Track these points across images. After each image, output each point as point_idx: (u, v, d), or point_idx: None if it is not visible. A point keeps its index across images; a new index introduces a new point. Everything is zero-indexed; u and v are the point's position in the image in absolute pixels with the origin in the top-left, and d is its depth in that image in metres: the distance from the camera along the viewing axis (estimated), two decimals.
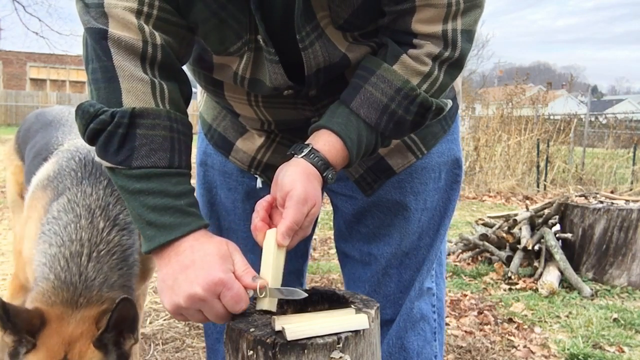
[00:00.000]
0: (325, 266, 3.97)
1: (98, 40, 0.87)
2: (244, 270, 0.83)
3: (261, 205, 0.89)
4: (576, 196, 4.30)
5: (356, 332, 0.78)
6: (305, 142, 0.92)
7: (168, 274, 0.83)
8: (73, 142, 1.65)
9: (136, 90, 0.86)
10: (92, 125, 0.86)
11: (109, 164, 0.87)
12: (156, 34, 0.88)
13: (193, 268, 0.81)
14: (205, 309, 0.81)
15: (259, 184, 1.19)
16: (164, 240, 0.83)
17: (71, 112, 1.93)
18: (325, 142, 0.90)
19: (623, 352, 2.68)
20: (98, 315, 1.24)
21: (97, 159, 0.89)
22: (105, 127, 0.85)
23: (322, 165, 0.89)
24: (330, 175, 0.90)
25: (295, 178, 0.86)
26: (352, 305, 0.86)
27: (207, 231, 0.88)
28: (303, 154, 0.90)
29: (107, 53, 0.86)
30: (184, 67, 1.00)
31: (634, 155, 10.05)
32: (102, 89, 0.87)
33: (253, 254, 1.02)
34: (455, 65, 0.94)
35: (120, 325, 1.20)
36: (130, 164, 0.85)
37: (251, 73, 0.98)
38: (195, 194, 0.90)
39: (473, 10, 0.92)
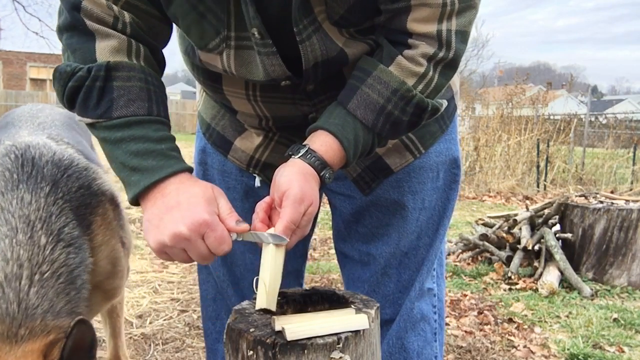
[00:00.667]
0: (325, 266, 3.97)
1: (71, 9, 0.91)
2: (228, 214, 0.86)
3: (260, 206, 0.90)
4: (576, 196, 4.29)
5: (356, 332, 0.78)
6: (303, 143, 0.93)
7: (154, 214, 0.85)
8: (12, 137, 1.41)
9: (110, 47, 0.90)
10: (70, 83, 0.89)
11: (90, 120, 0.90)
12: (125, 13, 0.91)
13: (178, 208, 0.83)
14: (189, 248, 0.84)
15: (257, 182, 1.20)
16: (148, 182, 0.86)
17: (32, 110, 1.73)
18: (322, 142, 0.91)
19: (623, 352, 2.68)
20: (45, 348, 1.04)
21: (77, 118, 0.91)
22: (83, 82, 0.88)
23: (319, 165, 0.90)
24: (327, 175, 0.91)
25: (292, 178, 0.87)
26: (352, 305, 0.86)
27: (192, 175, 0.90)
28: (300, 154, 0.91)
29: (80, 20, 0.90)
30: (184, 66, 1.01)
31: (634, 155, 10.06)
32: (77, 50, 0.90)
33: (252, 253, 1.03)
34: (450, 65, 0.95)
35: (76, 354, 1.03)
36: (110, 115, 0.88)
37: (236, 70, 0.99)
38: (175, 143, 0.93)
39: (468, 11, 0.93)
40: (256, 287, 0.86)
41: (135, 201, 0.88)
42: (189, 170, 0.90)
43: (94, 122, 0.89)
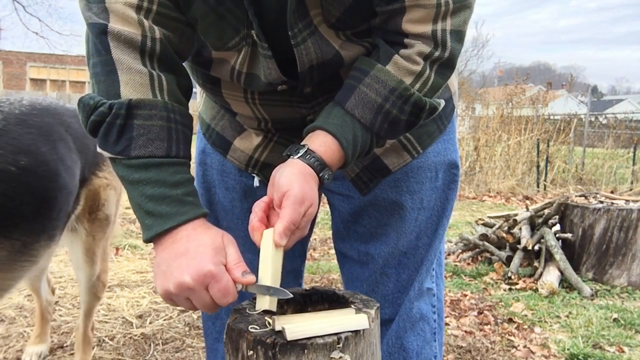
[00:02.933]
0: (325, 266, 3.97)
1: (98, 35, 0.89)
2: (236, 264, 0.84)
3: (259, 206, 0.90)
4: (576, 196, 4.30)
5: (356, 332, 0.78)
6: (301, 143, 0.93)
7: (163, 259, 0.85)
8: None
9: (134, 82, 0.88)
10: (92, 117, 0.88)
11: (109, 154, 0.89)
12: (155, 28, 0.90)
13: (185, 257, 0.83)
14: (193, 297, 0.83)
15: (256, 182, 1.20)
16: (160, 229, 0.85)
17: None
18: (321, 142, 0.91)
19: (623, 352, 2.68)
20: None
21: (99, 150, 0.91)
22: (104, 118, 0.87)
23: (319, 165, 0.90)
24: (326, 176, 0.91)
25: (292, 179, 0.87)
26: (352, 305, 0.86)
27: (206, 221, 0.89)
28: (299, 154, 0.90)
29: (107, 47, 0.88)
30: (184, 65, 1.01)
31: (634, 155, 10.06)
32: (101, 82, 0.89)
33: (251, 253, 1.03)
34: (446, 65, 0.95)
35: None
36: (128, 153, 0.87)
37: (248, 68, 0.99)
38: (194, 183, 0.92)
39: (462, 11, 0.93)
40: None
41: (149, 242, 0.88)
42: (204, 215, 0.89)
43: (113, 157, 0.89)
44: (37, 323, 2.40)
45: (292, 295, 0.85)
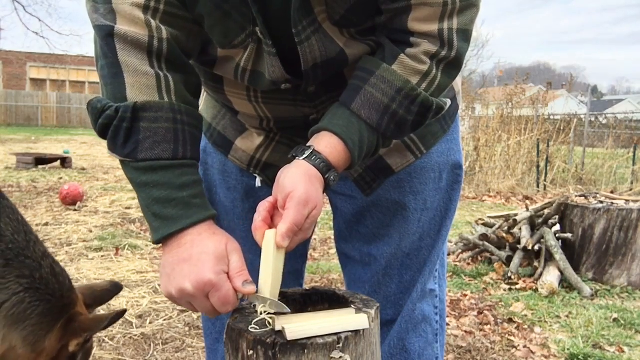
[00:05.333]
0: (325, 266, 3.97)
1: (104, 37, 0.89)
2: (238, 273, 0.85)
3: (263, 206, 0.89)
4: (576, 196, 4.29)
5: (356, 332, 0.78)
6: (307, 145, 0.92)
7: (168, 262, 0.86)
8: None
9: (140, 85, 0.88)
10: (100, 120, 0.89)
11: (118, 157, 0.90)
12: (163, 28, 0.90)
13: (188, 264, 0.83)
14: (194, 303, 0.85)
15: (257, 183, 1.19)
16: (166, 233, 0.86)
17: None
18: (327, 144, 0.90)
19: (623, 352, 2.68)
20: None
21: (108, 152, 0.92)
22: (111, 121, 0.88)
23: (324, 167, 0.89)
24: (332, 177, 0.90)
25: (297, 180, 0.86)
26: (352, 305, 0.86)
27: (213, 224, 0.89)
28: (305, 156, 0.90)
29: (113, 50, 0.89)
30: None
31: (634, 155, 10.05)
32: (109, 84, 0.89)
33: (251, 253, 1.02)
34: (453, 64, 0.94)
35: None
36: (136, 156, 0.87)
37: (253, 65, 0.98)
38: (202, 185, 0.92)
39: (469, 9, 0.92)
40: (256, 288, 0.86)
41: (158, 243, 0.89)
42: (212, 216, 0.89)
43: (122, 160, 0.90)
44: None
45: (290, 311, 0.84)
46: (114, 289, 1.51)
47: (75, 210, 5.65)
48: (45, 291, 1.34)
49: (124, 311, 1.33)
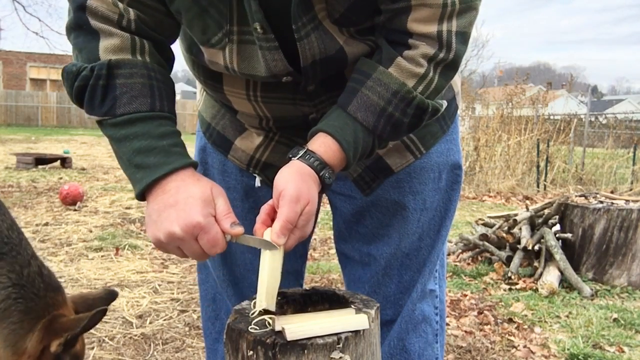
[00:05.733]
0: (325, 266, 3.97)
1: (77, 10, 0.92)
2: (225, 215, 0.87)
3: (264, 208, 0.91)
4: (576, 196, 4.29)
5: (356, 332, 0.78)
6: (303, 146, 0.93)
7: (153, 209, 0.87)
8: None
9: (113, 45, 0.91)
10: (76, 83, 0.91)
11: (97, 117, 0.91)
12: (131, 10, 0.92)
13: (175, 208, 0.85)
14: (183, 247, 0.86)
15: (257, 182, 1.20)
16: (149, 180, 0.87)
17: None
18: (320, 143, 0.92)
19: (623, 352, 2.68)
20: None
21: (86, 116, 0.93)
22: (87, 82, 0.90)
23: (318, 165, 0.90)
24: (327, 175, 0.91)
25: (288, 178, 0.88)
26: (352, 306, 0.86)
27: (195, 172, 0.91)
28: (299, 155, 0.91)
29: (85, 20, 0.92)
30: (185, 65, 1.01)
31: (634, 155, 10.05)
32: (83, 49, 0.92)
33: (251, 253, 1.03)
34: (450, 66, 0.95)
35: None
36: (114, 112, 0.90)
37: (238, 66, 0.99)
38: (180, 136, 0.94)
39: (468, 12, 0.93)
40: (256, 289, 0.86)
41: (142, 197, 0.90)
42: (193, 165, 0.91)
43: (100, 119, 0.91)
44: None
45: (277, 248, 0.86)
46: (109, 296, 1.52)
47: (75, 210, 5.65)
48: (30, 289, 1.37)
49: (105, 310, 1.33)
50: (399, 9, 0.91)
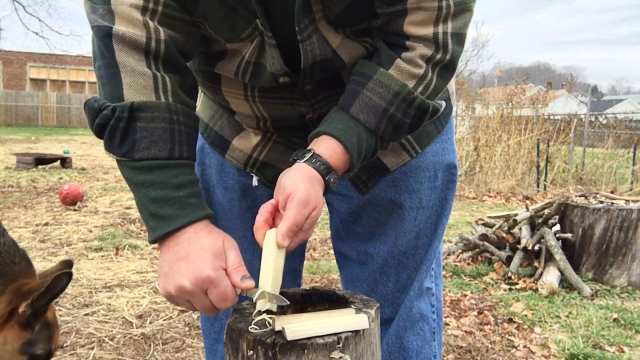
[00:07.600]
0: (325, 266, 3.97)
1: (102, 37, 0.90)
2: (235, 269, 0.85)
3: (265, 207, 0.90)
4: (576, 196, 4.29)
5: (356, 332, 0.78)
6: (307, 148, 0.93)
7: (165, 261, 0.87)
8: None
9: (137, 85, 0.89)
10: (97, 120, 0.89)
11: (115, 157, 0.90)
12: (161, 29, 0.90)
13: (186, 261, 0.84)
14: (193, 300, 0.85)
15: (254, 182, 1.20)
16: (163, 232, 0.86)
17: None
18: (326, 147, 0.92)
19: (623, 352, 2.68)
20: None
21: (105, 152, 0.92)
22: (108, 121, 0.88)
23: (325, 169, 0.90)
24: (332, 180, 0.92)
25: (298, 181, 0.87)
26: (352, 305, 0.86)
27: (209, 223, 0.89)
28: (305, 158, 0.91)
29: (111, 50, 0.89)
30: None
31: (634, 155, 10.05)
32: (105, 84, 0.90)
33: (249, 253, 1.03)
34: (447, 67, 0.96)
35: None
36: (132, 156, 0.88)
37: (257, 57, 0.99)
38: (198, 185, 0.92)
39: (463, 14, 0.94)
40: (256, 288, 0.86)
41: (154, 243, 0.90)
42: (208, 216, 0.89)
43: (118, 159, 0.90)
44: None
45: (288, 303, 0.85)
46: (66, 265, 1.59)
47: (75, 210, 5.65)
48: (7, 257, 1.46)
49: (70, 273, 1.38)
50: (395, 12, 0.92)
